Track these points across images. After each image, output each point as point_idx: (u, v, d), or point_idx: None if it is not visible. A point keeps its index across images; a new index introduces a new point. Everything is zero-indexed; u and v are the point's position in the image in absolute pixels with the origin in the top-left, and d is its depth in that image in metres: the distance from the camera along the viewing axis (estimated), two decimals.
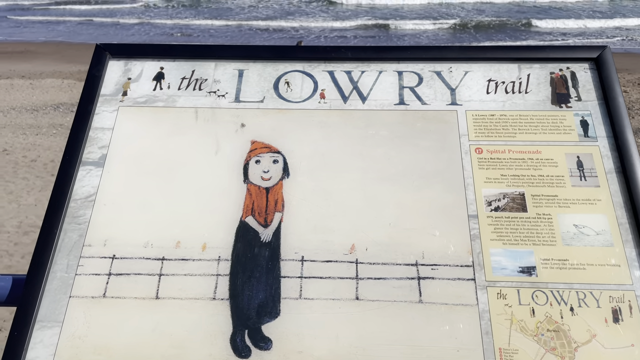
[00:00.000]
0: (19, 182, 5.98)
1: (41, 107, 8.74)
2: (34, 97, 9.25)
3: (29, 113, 8.40)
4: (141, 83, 1.17)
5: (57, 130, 7.71)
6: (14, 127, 7.70)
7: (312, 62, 1.22)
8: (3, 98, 9.15)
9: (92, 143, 1.09)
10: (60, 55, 12.89)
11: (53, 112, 8.45)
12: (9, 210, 5.42)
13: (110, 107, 1.13)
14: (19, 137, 7.31)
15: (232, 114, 1.16)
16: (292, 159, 1.11)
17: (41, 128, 7.71)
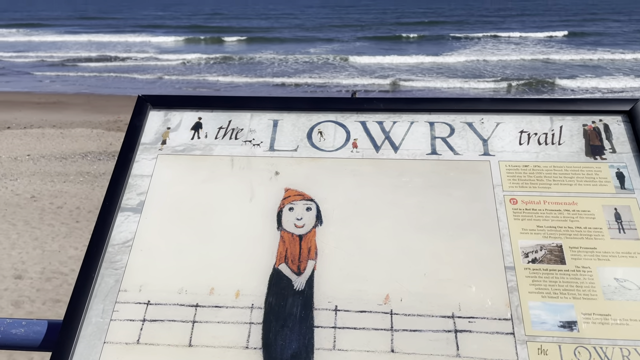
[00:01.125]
0: (44, 229, 6.08)
1: (70, 155, 9.02)
2: (64, 146, 9.57)
3: (58, 161, 8.66)
4: (180, 132, 1.21)
5: (84, 177, 7.90)
6: (42, 175, 7.93)
7: (344, 112, 1.25)
8: (34, 146, 9.49)
9: (131, 190, 1.12)
10: (91, 106, 13.42)
11: (81, 160, 8.71)
12: (33, 256, 5.49)
13: (150, 155, 1.17)
14: (47, 185, 7.50)
15: (266, 162, 1.18)
16: (325, 206, 1.12)
17: (69, 176, 7.93)
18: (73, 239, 5.89)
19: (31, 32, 37.83)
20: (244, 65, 20.08)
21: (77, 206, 6.88)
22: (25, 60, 22.83)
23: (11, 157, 8.94)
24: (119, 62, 21.66)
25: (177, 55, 23.14)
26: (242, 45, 27.90)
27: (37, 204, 6.91)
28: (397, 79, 16.58)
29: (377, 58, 20.35)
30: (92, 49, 26.73)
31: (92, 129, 10.94)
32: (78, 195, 7.31)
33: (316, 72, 17.99)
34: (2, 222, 6.15)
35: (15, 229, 5.97)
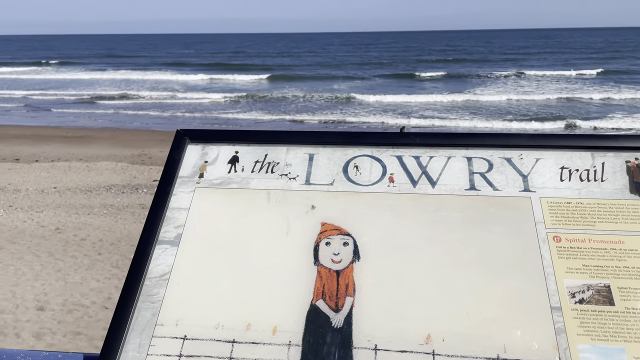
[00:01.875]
0: (67, 260, 6.13)
1: (95, 188, 9.18)
2: (89, 179, 9.76)
3: (83, 193, 8.81)
4: (217, 166, 1.22)
5: (108, 210, 8.01)
6: (67, 207, 8.06)
7: (380, 147, 1.25)
8: (61, 179, 9.69)
9: (169, 222, 1.12)
10: (116, 140, 13.75)
11: (105, 193, 8.85)
12: (55, 287, 5.52)
13: (187, 189, 1.18)
14: (72, 217, 7.61)
15: (302, 196, 1.18)
16: (362, 241, 1.11)
17: (93, 208, 8.04)
18: (95, 271, 5.92)
19: (61, 70, 39.34)
20: (266, 102, 20.42)
21: (100, 238, 6.95)
22: (55, 97, 23.65)
23: (38, 190, 9.14)
24: (144, 99, 22.30)
25: (201, 93, 23.75)
26: (265, 83, 28.41)
27: (61, 235, 7.01)
28: (420, 115, 16.66)
29: (401, 96, 20.48)
30: (119, 86, 27.62)
31: (117, 162, 11.16)
32: (101, 227, 7.40)
33: (338, 109, 18.16)
34: (27, 254, 6.23)
35: (39, 261, 6.03)
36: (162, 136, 14.51)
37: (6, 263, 5.88)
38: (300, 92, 23.12)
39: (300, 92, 22.78)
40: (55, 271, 5.84)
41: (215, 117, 17.38)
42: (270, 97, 21.43)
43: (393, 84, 26.47)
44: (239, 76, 31.19)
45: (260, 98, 21.39)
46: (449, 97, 20.06)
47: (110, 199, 8.63)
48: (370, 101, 19.73)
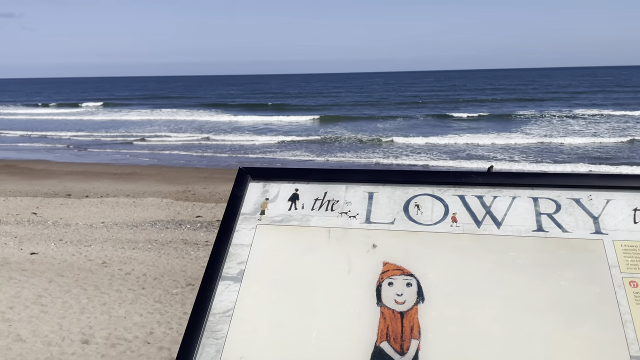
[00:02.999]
0: (112, 294, 6.25)
1: (140, 223, 9.43)
2: (135, 214, 10.04)
3: (129, 228, 9.06)
4: (278, 203, 1.23)
5: (152, 245, 8.18)
6: (114, 241, 8.28)
7: (441, 186, 1.23)
8: (109, 214, 10.02)
9: (231, 259, 1.14)
10: (162, 177, 14.18)
11: (150, 228, 9.06)
12: (100, 321, 5.61)
13: (249, 225, 1.20)
14: (118, 251, 7.80)
15: (363, 234, 1.17)
16: (426, 282, 1.08)
17: (138, 243, 8.23)
18: (138, 305, 6.00)
19: (114, 111, 41.45)
20: (314, 143, 20.48)
21: (144, 273, 7.08)
22: (106, 136, 24.82)
23: (87, 224, 9.46)
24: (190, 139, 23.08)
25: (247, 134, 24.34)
26: (311, 124, 28.51)
27: (107, 269, 7.18)
28: (468, 155, 16.43)
29: (447, 137, 20.27)
30: (168, 126, 28.77)
31: (162, 198, 11.47)
32: (145, 262, 7.54)
33: (385, 149, 18.06)
34: (75, 287, 6.39)
35: (85, 294, 6.16)
36: (205, 173, 14.87)
37: (55, 296, 6.04)
38: (347, 132, 23.37)
39: (347, 133, 22.99)
40: (100, 304, 5.95)
41: (263, 157, 17.66)
42: (320, 139, 21.30)
43: (435, 124, 26.34)
44: (286, 117, 31.58)
45: (307, 140, 21.42)
46: (498, 137, 19.71)
47: (154, 234, 8.82)
48: (414, 142, 19.54)
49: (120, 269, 7.00)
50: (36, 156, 18.68)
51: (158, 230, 8.98)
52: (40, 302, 5.71)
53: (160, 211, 10.36)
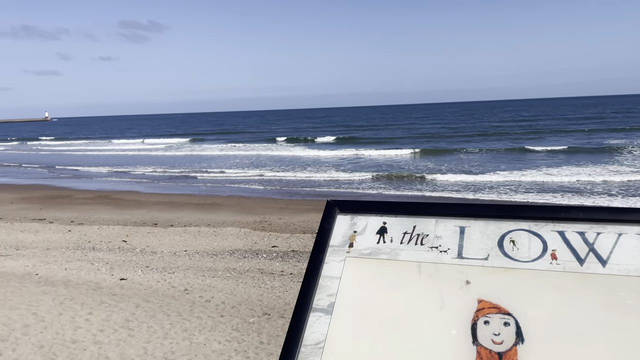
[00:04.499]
0: (193, 321, 6.46)
1: (220, 252, 9.77)
2: (215, 243, 10.43)
3: (209, 257, 9.41)
4: (366, 236, 1.24)
5: (230, 273, 8.42)
6: (195, 269, 8.63)
7: (538, 221, 1.18)
8: (191, 243, 10.49)
9: (321, 290, 1.15)
10: (240, 207, 14.70)
11: (229, 257, 9.36)
12: (182, 347, 5.81)
13: (338, 258, 1.21)
14: (199, 279, 8.11)
15: (455, 270, 1.14)
16: (525, 322, 1.03)
17: (217, 271, 8.52)
18: (217, 332, 6.15)
19: (198, 146, 43.91)
20: (398, 179, 20.12)
21: (222, 301, 7.27)
22: (192, 173, 26.28)
23: (171, 252, 9.95)
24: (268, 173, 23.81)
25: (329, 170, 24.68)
26: (400, 157, 28.05)
27: (188, 296, 7.45)
28: (559, 186, 15.52)
29: (534, 170, 19.25)
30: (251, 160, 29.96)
31: (240, 228, 11.85)
32: (224, 290, 7.76)
33: (467, 185, 17.43)
34: (159, 312, 6.68)
35: (168, 319, 6.42)
36: (280, 204, 15.24)
37: (141, 320, 6.35)
38: (431, 164, 23.02)
39: (431, 164, 22.60)
40: (182, 330, 6.17)
41: (339, 191, 17.68)
42: (404, 176, 20.71)
43: (519, 156, 25.16)
44: (367, 151, 31.28)
45: (394, 176, 20.84)
46: (593, 170, 18.39)
47: (233, 262, 9.09)
48: (503, 177, 18.48)
49: (201, 296, 7.26)
50: (127, 187, 20.10)
51: (236, 259, 9.25)
52: (128, 326, 6.02)
53: (238, 240, 10.69)
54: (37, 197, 17.54)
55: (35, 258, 9.17)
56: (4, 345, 5.18)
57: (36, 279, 7.68)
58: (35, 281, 7.54)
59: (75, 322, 5.94)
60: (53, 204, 15.97)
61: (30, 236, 11.25)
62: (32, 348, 5.17)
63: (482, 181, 18.08)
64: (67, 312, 6.24)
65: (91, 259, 9.13)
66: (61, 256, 9.38)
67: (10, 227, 12.21)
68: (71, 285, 7.38)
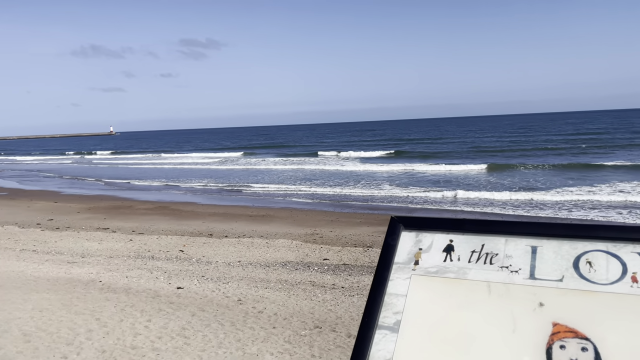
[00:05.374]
0: (246, 331, 6.55)
1: (272, 263, 9.88)
2: (268, 255, 10.57)
3: (262, 268, 9.54)
4: (432, 254, 1.22)
5: (282, 285, 8.49)
6: (248, 280, 8.76)
7: (616, 242, 1.12)
8: (244, 254, 10.68)
9: (387, 308, 1.14)
10: (292, 219, 14.84)
11: (281, 269, 9.45)
12: (235, 357, 5.90)
13: (404, 275, 1.20)
14: (252, 289, 8.23)
15: (527, 291, 1.10)
16: (604, 349, 0.97)
17: (270, 282, 8.61)
18: (269, 344, 6.20)
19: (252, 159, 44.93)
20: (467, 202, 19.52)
21: (274, 312, 7.34)
22: (244, 187, 26.89)
23: (226, 262, 10.16)
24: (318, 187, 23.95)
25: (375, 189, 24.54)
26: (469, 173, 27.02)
27: (242, 307, 7.57)
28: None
29: (605, 187, 18.20)
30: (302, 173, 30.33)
31: (292, 240, 11.95)
32: (276, 301, 7.82)
33: (537, 205, 16.56)
34: (214, 322, 6.82)
35: (223, 329, 6.54)
36: (332, 217, 15.26)
37: (196, 329, 6.50)
38: (493, 178, 22.27)
39: (493, 179, 21.83)
40: (235, 340, 6.26)
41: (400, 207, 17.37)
42: (462, 192, 19.61)
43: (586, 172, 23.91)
44: (422, 165, 30.20)
45: (450, 191, 19.80)
46: None
47: (285, 274, 9.17)
48: (576, 196, 17.35)
49: (254, 307, 7.35)
50: (184, 199, 20.79)
51: (288, 271, 9.32)
52: (184, 335, 6.18)
53: (290, 252, 10.78)
54: (101, 207, 18.46)
55: (99, 265, 9.62)
56: (69, 349, 5.44)
57: (100, 285, 8.05)
58: (99, 288, 7.90)
59: (135, 329, 6.16)
60: (116, 214, 16.74)
61: (94, 244, 11.83)
62: (95, 353, 5.40)
63: (550, 199, 17.10)
64: (128, 319, 6.49)
65: (150, 268, 9.48)
66: (123, 264, 9.79)
67: (77, 236, 12.89)
68: (132, 293, 7.68)
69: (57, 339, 5.68)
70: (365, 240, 11.54)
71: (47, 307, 6.75)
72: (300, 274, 9.27)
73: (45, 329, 5.95)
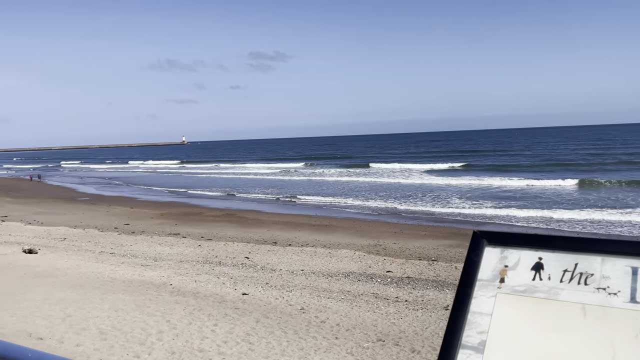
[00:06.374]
0: (309, 340, 6.55)
1: (335, 273, 9.86)
2: (330, 265, 10.57)
3: (325, 278, 9.54)
4: (519, 272, 1.15)
5: (345, 296, 8.44)
6: (311, 289, 8.79)
7: None
8: (307, 263, 10.74)
9: (471, 327, 1.09)
10: (355, 230, 14.78)
11: (344, 279, 9.41)
12: None
13: (488, 293, 1.14)
14: (314, 299, 8.24)
15: (628, 316, 1.01)
16: None
17: (332, 292, 8.59)
18: (332, 354, 6.17)
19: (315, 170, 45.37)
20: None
21: (337, 322, 7.29)
22: (307, 197, 27.18)
23: (289, 271, 10.25)
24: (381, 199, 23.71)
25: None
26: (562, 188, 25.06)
27: (305, 315, 7.58)
28: None
29: None
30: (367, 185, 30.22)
31: (355, 250, 11.88)
32: (339, 312, 7.78)
33: (634, 224, 15.30)
34: (277, 329, 6.88)
35: (286, 337, 6.59)
36: (395, 228, 15.05)
37: (260, 335, 6.59)
38: (567, 195, 20.94)
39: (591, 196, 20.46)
40: (298, 349, 6.27)
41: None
42: (542, 207, 18.43)
43: None
44: (497, 179, 28.37)
45: (530, 206, 18.53)
46: None
47: (347, 285, 9.12)
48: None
49: (316, 317, 7.35)
50: (250, 207, 21.31)
51: (351, 282, 9.26)
52: (249, 340, 6.28)
53: (353, 263, 10.72)
54: (173, 214, 19.30)
55: (170, 269, 10.03)
56: (141, 348, 5.68)
57: (170, 288, 8.38)
58: (170, 291, 8.22)
59: (203, 332, 6.34)
60: (186, 220, 17.43)
61: (166, 249, 12.36)
62: (165, 353, 5.61)
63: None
64: (196, 322, 6.70)
65: (217, 273, 9.75)
66: (192, 269, 10.15)
67: (150, 240, 13.54)
68: (200, 297, 7.93)
69: (131, 339, 5.95)
70: (430, 253, 11.27)
71: (122, 308, 7.10)
72: (363, 285, 9.17)
73: (120, 328, 6.26)
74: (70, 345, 5.57)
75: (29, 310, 6.68)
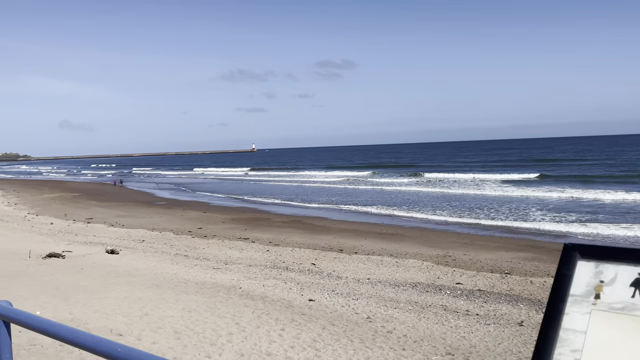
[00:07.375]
0: (375, 350, 6.47)
1: (402, 283, 9.69)
2: (397, 274, 10.40)
3: (391, 287, 9.40)
4: (616, 287, 1.07)
5: (412, 307, 8.26)
6: (377, 298, 8.68)
7: None
8: (374, 271, 10.64)
9: (563, 344, 1.02)
10: (423, 239, 14.47)
11: (411, 290, 9.22)
12: None
13: (582, 309, 1.07)
14: (381, 308, 8.13)
15: None
16: None
17: (399, 302, 8.43)
18: None
19: (379, 180, 45.04)
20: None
21: (404, 333, 7.15)
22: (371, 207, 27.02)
23: (355, 279, 10.20)
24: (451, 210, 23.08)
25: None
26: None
27: (371, 325, 7.50)
28: None
29: None
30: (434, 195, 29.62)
31: (423, 261, 11.62)
32: (406, 323, 7.62)
33: None
34: (343, 337, 6.85)
35: (352, 345, 6.54)
36: (466, 239, 14.56)
37: (326, 342, 6.58)
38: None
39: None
40: (364, 358, 6.20)
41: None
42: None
43: None
44: (579, 191, 26.18)
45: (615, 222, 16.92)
46: None
47: (415, 296, 8.92)
48: None
49: (383, 326, 7.24)
50: (316, 214, 21.49)
51: (418, 293, 9.06)
52: (315, 347, 6.30)
53: (420, 274, 10.49)
54: (242, 219, 19.86)
55: (239, 273, 10.30)
56: (212, 349, 5.85)
57: (239, 292, 8.60)
58: (239, 294, 8.44)
59: (270, 336, 6.44)
60: (255, 226, 17.87)
61: (236, 253, 12.72)
62: (234, 355, 5.74)
63: None
64: (264, 326, 6.82)
65: (285, 278, 9.89)
66: (260, 273, 10.37)
67: (221, 244, 14.00)
68: (268, 301, 8.07)
69: (203, 339, 6.16)
70: (503, 266, 10.79)
71: (194, 308, 7.38)
72: (431, 296, 8.94)
73: (193, 329, 6.49)
74: (147, 343, 5.85)
75: (110, 308, 7.10)
